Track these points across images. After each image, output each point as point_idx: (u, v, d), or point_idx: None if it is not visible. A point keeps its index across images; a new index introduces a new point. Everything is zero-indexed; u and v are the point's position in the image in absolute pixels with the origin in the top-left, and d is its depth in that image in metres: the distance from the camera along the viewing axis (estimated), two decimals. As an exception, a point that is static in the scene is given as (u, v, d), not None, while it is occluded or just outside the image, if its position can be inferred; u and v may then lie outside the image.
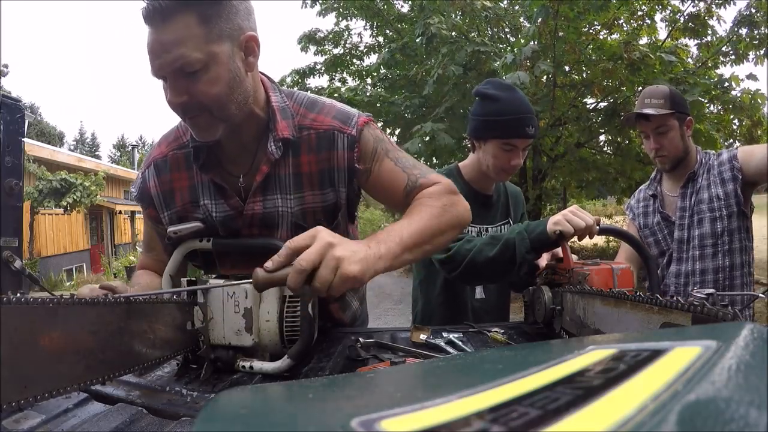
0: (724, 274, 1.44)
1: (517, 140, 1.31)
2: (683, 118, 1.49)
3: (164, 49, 0.78)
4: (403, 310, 6.74)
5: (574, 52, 5.78)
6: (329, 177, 0.96)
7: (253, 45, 0.87)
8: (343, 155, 0.94)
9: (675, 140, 1.48)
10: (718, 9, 6.03)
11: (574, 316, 0.93)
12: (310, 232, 0.68)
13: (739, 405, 0.19)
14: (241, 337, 0.86)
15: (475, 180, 1.44)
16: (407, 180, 0.95)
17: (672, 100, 1.46)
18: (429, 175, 0.97)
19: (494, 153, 1.34)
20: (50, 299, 0.52)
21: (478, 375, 0.37)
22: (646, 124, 1.49)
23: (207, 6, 0.79)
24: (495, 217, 1.49)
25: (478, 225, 1.44)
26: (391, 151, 0.98)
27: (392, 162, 0.97)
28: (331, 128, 0.94)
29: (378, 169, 0.97)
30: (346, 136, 0.93)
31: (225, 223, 0.97)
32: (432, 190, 0.94)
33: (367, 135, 0.96)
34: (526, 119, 1.29)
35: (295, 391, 0.37)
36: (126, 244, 16.56)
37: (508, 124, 1.29)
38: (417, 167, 0.98)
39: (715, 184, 1.46)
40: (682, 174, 1.53)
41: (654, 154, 1.52)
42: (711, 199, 1.45)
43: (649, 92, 1.52)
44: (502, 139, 1.31)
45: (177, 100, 0.82)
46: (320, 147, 0.94)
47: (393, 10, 7.95)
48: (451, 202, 0.92)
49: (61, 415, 0.63)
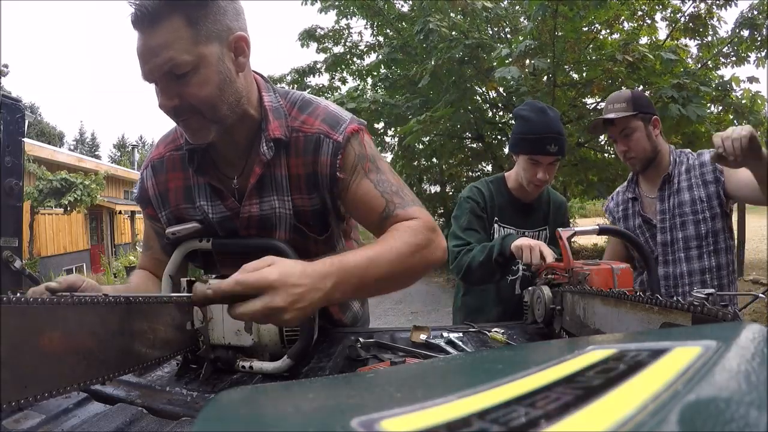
0: (711, 274, 1.44)
1: (539, 156, 1.47)
2: (648, 118, 1.49)
3: (153, 53, 0.78)
4: (403, 310, 6.75)
5: (574, 51, 5.78)
6: (314, 182, 0.93)
7: (242, 45, 0.86)
8: (326, 161, 0.91)
9: (641, 141, 1.49)
10: (719, 10, 6.04)
11: (574, 316, 0.93)
12: (262, 265, 0.65)
13: (739, 405, 0.19)
14: (240, 337, 0.86)
15: (516, 188, 1.61)
16: (384, 207, 0.90)
17: (635, 102, 1.47)
18: (408, 208, 0.90)
19: (524, 166, 1.52)
20: (50, 299, 0.52)
21: (478, 375, 0.37)
22: (613, 129, 1.51)
23: (194, 8, 0.78)
24: (533, 223, 1.63)
25: (516, 228, 1.60)
26: (373, 172, 0.92)
27: (371, 184, 0.91)
28: (318, 132, 0.91)
29: (355, 187, 0.92)
30: (332, 141, 0.90)
31: (222, 224, 0.97)
32: (411, 224, 0.86)
33: (352, 145, 0.92)
34: (549, 139, 1.45)
35: (295, 391, 0.37)
36: (126, 244, 16.56)
37: (533, 142, 1.47)
38: (399, 195, 0.91)
39: (697, 186, 1.45)
40: (656, 175, 1.53)
41: (623, 156, 1.54)
42: (694, 201, 1.44)
43: (612, 98, 1.53)
44: (528, 155, 1.49)
45: (168, 104, 0.82)
46: (306, 150, 0.92)
47: (393, 9, 7.95)
48: (427, 241, 0.85)
49: (61, 415, 0.63)
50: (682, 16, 6.30)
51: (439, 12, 6.21)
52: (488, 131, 7.72)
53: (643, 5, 6.21)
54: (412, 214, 0.89)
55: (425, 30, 5.78)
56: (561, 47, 5.75)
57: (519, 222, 1.60)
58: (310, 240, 0.99)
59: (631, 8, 6.13)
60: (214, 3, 0.81)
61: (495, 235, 1.58)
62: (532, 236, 1.56)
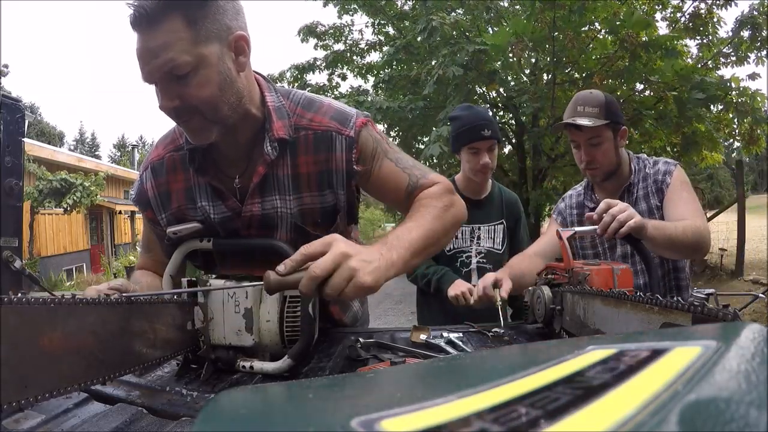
0: (669, 277, 1.39)
1: (477, 143, 1.64)
2: (617, 128, 1.37)
3: (152, 54, 0.78)
4: (403, 310, 6.74)
5: (574, 46, 5.75)
6: (327, 179, 0.94)
7: (243, 45, 0.85)
8: (341, 157, 0.93)
9: (609, 153, 1.37)
10: (718, 10, 6.03)
11: (574, 316, 0.93)
12: (325, 239, 0.68)
13: (739, 405, 0.19)
14: (241, 337, 0.86)
15: (464, 187, 1.76)
16: (408, 180, 0.96)
17: (607, 109, 1.34)
18: (429, 175, 0.98)
19: (466, 158, 1.70)
20: (50, 299, 0.52)
21: (478, 375, 0.37)
22: (578, 134, 1.37)
23: (193, 8, 0.78)
24: (488, 217, 1.78)
25: (471, 225, 1.75)
26: (390, 152, 0.98)
27: (392, 162, 0.97)
28: (329, 129, 0.92)
29: (378, 170, 0.96)
30: (345, 137, 0.92)
31: (223, 224, 0.97)
32: (433, 190, 0.94)
33: (365, 136, 0.95)
34: (481, 125, 1.63)
35: (295, 391, 0.37)
36: (126, 244, 16.56)
37: (468, 132, 1.65)
38: (417, 167, 0.99)
39: (652, 194, 1.37)
40: (615, 185, 1.43)
41: (585, 166, 1.40)
42: (651, 210, 1.36)
43: (582, 98, 1.38)
44: (467, 145, 1.66)
45: (169, 105, 0.82)
46: (318, 148, 0.93)
47: (395, 7, 7.94)
48: (451, 201, 0.93)
49: (61, 415, 0.63)
50: (682, 15, 6.29)
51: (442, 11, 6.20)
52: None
53: (643, 5, 6.20)
54: (433, 179, 0.97)
55: (429, 28, 5.77)
56: (561, 44, 5.73)
57: (474, 218, 1.73)
58: (312, 238, 0.99)
59: (631, 8, 6.13)
60: (213, 2, 0.80)
61: (457, 235, 1.75)
62: (489, 230, 1.77)
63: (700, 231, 1.23)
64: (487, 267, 1.72)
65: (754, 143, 6.08)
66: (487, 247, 1.76)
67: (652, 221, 1.16)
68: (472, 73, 5.76)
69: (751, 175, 36.71)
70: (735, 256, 6.86)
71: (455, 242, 1.76)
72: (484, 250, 1.76)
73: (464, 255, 1.76)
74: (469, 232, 1.76)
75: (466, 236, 1.76)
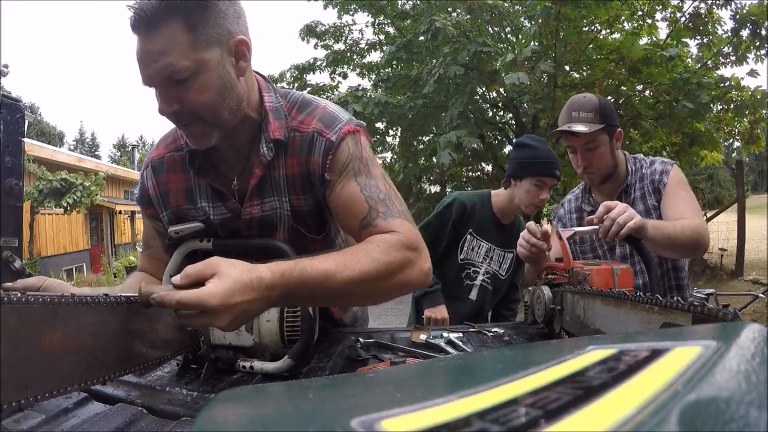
0: (668, 276, 1.40)
1: (547, 178, 1.65)
2: (612, 131, 1.38)
3: (152, 58, 0.77)
4: (403, 310, 6.72)
5: (575, 51, 5.77)
6: (309, 181, 0.92)
7: (243, 49, 0.84)
8: (318, 160, 0.89)
9: (605, 156, 1.38)
10: (718, 10, 6.03)
11: (574, 316, 0.93)
12: (202, 296, 0.61)
13: (739, 405, 0.19)
14: (241, 337, 0.86)
15: (500, 210, 1.77)
16: (366, 214, 0.85)
17: (602, 113, 1.35)
18: (392, 220, 0.84)
19: (527, 188, 1.66)
20: (50, 299, 0.52)
21: (478, 375, 0.37)
22: (574, 140, 1.38)
23: (193, 12, 0.77)
24: (504, 243, 1.80)
25: (491, 243, 1.79)
26: (362, 174, 0.88)
27: (358, 187, 0.87)
28: (313, 131, 0.90)
29: (340, 189, 0.88)
30: (325, 141, 0.89)
31: (224, 225, 0.97)
32: (385, 239, 0.80)
33: (345, 146, 0.89)
34: (555, 164, 1.67)
35: (295, 391, 0.37)
36: (126, 244, 16.55)
37: (542, 165, 1.65)
38: (385, 203, 0.86)
39: (649, 194, 1.38)
40: (613, 187, 1.44)
41: (582, 170, 1.42)
42: (648, 210, 1.37)
43: (576, 103, 1.39)
44: (536, 177, 1.64)
45: (168, 109, 0.81)
46: (302, 150, 0.91)
47: (395, 7, 7.93)
48: (401, 261, 0.78)
49: (61, 415, 0.64)
50: (682, 15, 6.29)
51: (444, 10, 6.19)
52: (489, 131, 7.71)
53: (643, 5, 6.20)
54: (393, 226, 0.82)
55: (432, 29, 5.76)
56: (562, 49, 5.74)
57: (495, 238, 1.79)
58: (308, 239, 0.99)
59: (632, 8, 6.12)
60: (213, 6, 0.79)
61: (465, 245, 1.76)
62: (501, 255, 1.81)
63: (699, 229, 1.23)
64: (489, 288, 1.79)
65: (753, 142, 6.09)
66: (494, 270, 1.80)
67: (651, 221, 1.17)
68: (473, 72, 5.76)
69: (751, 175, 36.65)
70: (735, 256, 6.86)
71: (470, 253, 1.78)
72: (491, 271, 1.80)
73: (473, 269, 1.79)
74: (486, 249, 1.78)
75: (482, 252, 1.79)
